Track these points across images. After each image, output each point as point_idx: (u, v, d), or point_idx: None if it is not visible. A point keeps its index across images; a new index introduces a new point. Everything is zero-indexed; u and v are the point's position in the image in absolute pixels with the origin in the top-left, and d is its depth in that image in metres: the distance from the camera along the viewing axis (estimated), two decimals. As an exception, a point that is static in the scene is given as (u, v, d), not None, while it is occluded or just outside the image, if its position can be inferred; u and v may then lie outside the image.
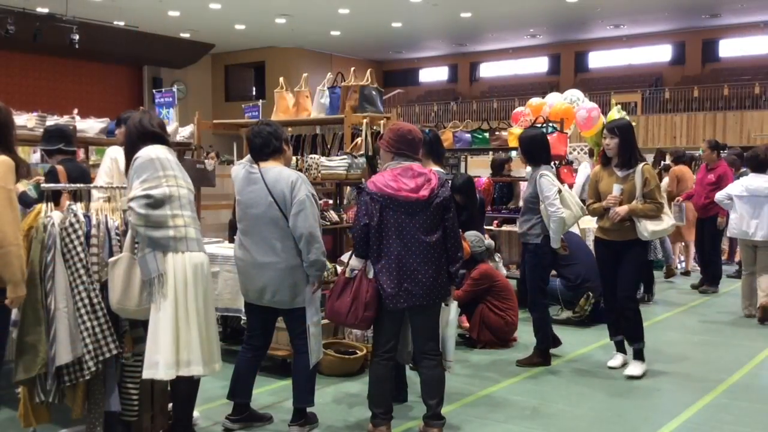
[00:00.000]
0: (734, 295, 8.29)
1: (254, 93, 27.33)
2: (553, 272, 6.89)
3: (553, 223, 5.12)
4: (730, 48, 25.50)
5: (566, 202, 5.19)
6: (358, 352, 5.09)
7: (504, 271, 6.89)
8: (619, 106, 9.27)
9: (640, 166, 5.00)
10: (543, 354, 5.39)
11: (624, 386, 4.95)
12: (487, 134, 7.92)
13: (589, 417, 4.35)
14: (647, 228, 4.91)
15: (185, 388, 3.67)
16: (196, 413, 4.12)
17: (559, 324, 6.68)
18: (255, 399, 4.20)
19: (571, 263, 6.58)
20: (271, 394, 4.64)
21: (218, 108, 26.41)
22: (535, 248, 5.28)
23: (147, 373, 3.45)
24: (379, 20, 22.42)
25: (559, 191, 5.20)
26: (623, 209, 4.96)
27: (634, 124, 9.52)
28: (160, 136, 3.66)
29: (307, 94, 6.37)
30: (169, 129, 6.91)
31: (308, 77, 6.55)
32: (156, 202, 3.42)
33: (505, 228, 8.07)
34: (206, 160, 6.69)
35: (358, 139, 5.80)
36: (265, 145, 3.94)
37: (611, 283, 5.18)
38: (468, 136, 8.59)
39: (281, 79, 6.65)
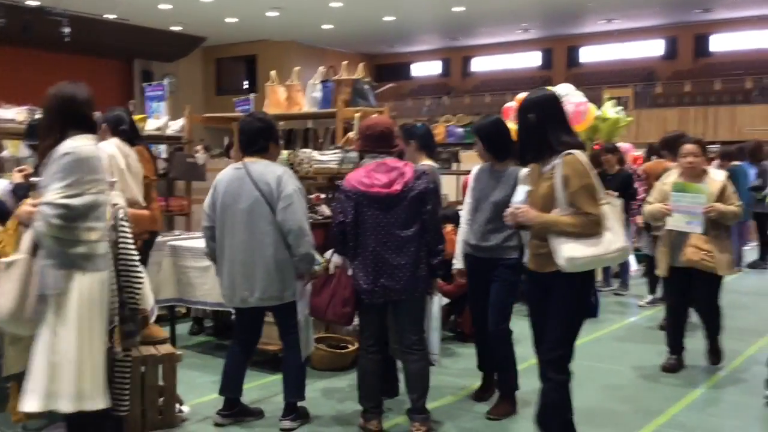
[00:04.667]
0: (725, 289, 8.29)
1: (246, 86, 27.23)
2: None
3: None
4: (722, 43, 25.57)
5: None
6: (349, 346, 5.08)
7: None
8: (614, 101, 9.28)
9: (560, 157, 3.23)
10: (513, 396, 4.33)
11: (614, 381, 4.96)
12: (479, 128, 7.91)
13: (580, 411, 4.35)
14: (562, 252, 3.16)
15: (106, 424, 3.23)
16: (186, 408, 4.12)
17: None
18: (246, 394, 4.19)
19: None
20: (261, 388, 4.63)
21: (209, 101, 26.30)
22: (514, 264, 4.06)
23: (44, 404, 2.98)
24: (372, 14, 22.37)
25: None
26: (530, 216, 3.28)
27: (630, 118, 9.53)
28: (90, 124, 3.18)
29: (299, 87, 6.35)
30: (160, 123, 6.90)
31: (300, 71, 6.52)
32: (73, 215, 2.97)
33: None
34: (196, 154, 6.67)
35: (351, 134, 5.78)
36: (252, 142, 3.94)
37: (539, 335, 3.48)
38: (461, 130, 8.61)
39: (273, 73, 6.62)
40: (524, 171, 3.98)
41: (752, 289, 4.47)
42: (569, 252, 3.15)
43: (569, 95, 8.68)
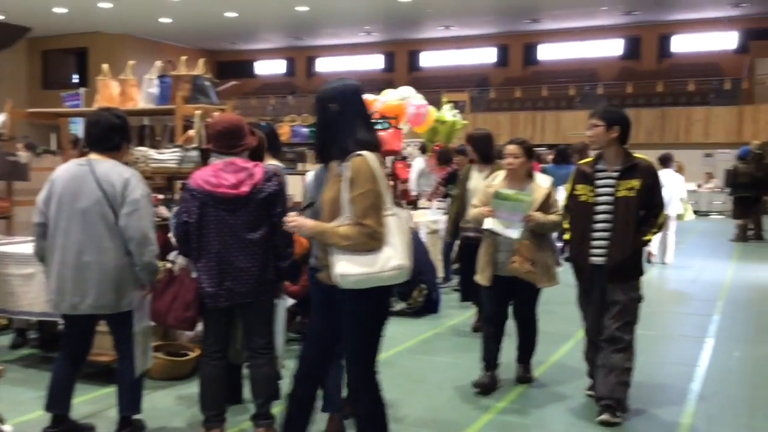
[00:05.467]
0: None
1: (76, 80, 25.64)
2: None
3: None
4: (548, 52, 27.41)
5: None
6: (189, 353, 4.90)
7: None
8: (451, 104, 9.66)
9: (350, 158, 2.96)
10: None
11: (453, 376, 5.13)
12: (323, 129, 7.94)
13: (421, 406, 4.48)
14: (335, 268, 2.93)
15: None
16: (8, 428, 3.78)
17: (394, 315, 6.86)
18: (75, 408, 3.92)
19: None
20: (93, 402, 4.35)
21: (35, 96, 24.51)
22: None
23: None
24: (212, 9, 21.81)
25: None
26: (306, 226, 3.04)
27: (465, 121, 9.96)
28: None
29: (134, 82, 6.03)
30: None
31: (136, 65, 6.21)
32: None
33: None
34: (18, 153, 6.17)
35: (191, 132, 5.58)
36: (106, 138, 3.70)
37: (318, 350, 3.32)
38: (306, 130, 8.57)
39: (105, 66, 6.25)
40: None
41: (573, 282, 4.60)
42: (341, 268, 2.91)
43: (411, 98, 8.94)
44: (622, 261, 4.07)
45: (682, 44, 26.10)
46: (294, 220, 3.07)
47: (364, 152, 2.95)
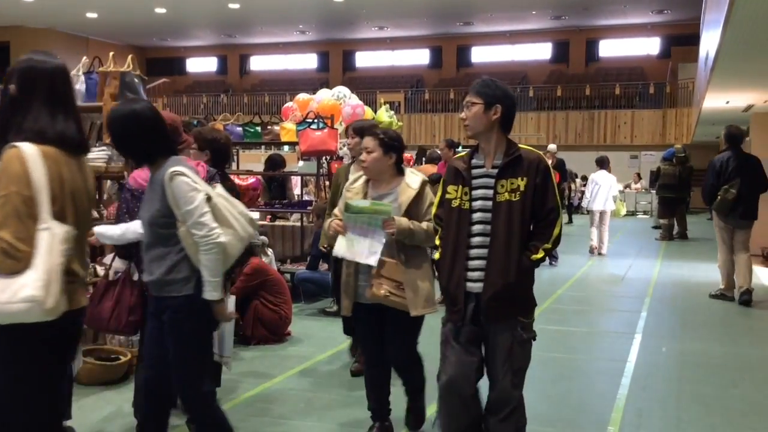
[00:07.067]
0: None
1: (-4, 76, 24.62)
2: (326, 266, 7.02)
3: (208, 256, 2.81)
4: (481, 54, 27.84)
5: (222, 216, 2.90)
6: (121, 357, 4.75)
7: (276, 266, 6.88)
8: (387, 105, 9.67)
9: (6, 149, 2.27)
10: None
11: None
12: (258, 128, 7.88)
13: (362, 404, 4.45)
14: None
15: None
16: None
17: (331, 316, 6.81)
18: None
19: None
20: (19, 411, 4.17)
21: (-48, 91, 23.40)
22: (184, 303, 2.88)
23: None
24: (141, 4, 21.30)
25: (209, 198, 2.85)
26: None
27: (400, 122, 10.02)
28: None
29: (60, 78, 5.83)
30: None
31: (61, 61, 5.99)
32: None
33: (278, 223, 8.08)
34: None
35: (120, 129, 5.42)
36: None
37: None
38: (239, 129, 8.44)
39: (28, 61, 6.01)
40: (183, 170, 2.84)
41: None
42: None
43: (346, 98, 8.90)
44: (504, 288, 2.91)
45: (608, 49, 26.94)
46: None
47: (21, 143, 2.23)
